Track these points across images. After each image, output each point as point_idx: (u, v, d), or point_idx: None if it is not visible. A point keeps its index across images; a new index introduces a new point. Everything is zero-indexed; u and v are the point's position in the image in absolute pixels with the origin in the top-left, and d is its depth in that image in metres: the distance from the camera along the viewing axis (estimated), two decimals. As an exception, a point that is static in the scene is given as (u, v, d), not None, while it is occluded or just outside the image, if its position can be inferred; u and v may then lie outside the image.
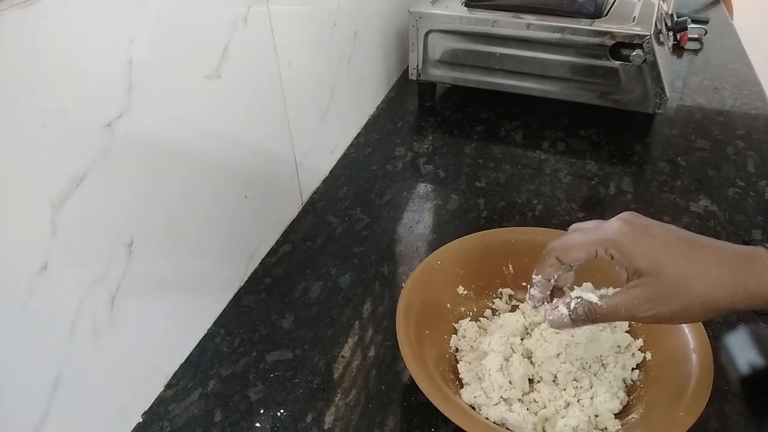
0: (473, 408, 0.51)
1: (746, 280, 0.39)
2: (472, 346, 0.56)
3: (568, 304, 0.46)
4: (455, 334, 0.58)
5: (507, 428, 0.49)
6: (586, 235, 0.45)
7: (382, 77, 1.05)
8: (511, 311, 0.61)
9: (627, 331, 0.56)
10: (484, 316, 0.60)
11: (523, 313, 0.59)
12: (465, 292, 0.61)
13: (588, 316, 0.44)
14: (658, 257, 0.41)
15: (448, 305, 0.60)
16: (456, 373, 0.55)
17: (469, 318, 0.59)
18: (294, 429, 0.52)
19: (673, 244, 0.41)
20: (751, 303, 0.39)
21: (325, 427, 0.52)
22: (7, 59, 0.36)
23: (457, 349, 0.57)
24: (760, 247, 0.40)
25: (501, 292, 0.62)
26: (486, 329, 0.59)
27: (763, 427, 0.49)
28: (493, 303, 0.62)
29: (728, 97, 1.02)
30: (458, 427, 0.44)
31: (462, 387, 0.53)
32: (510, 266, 0.62)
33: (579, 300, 0.45)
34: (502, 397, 0.51)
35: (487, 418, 0.49)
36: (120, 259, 0.48)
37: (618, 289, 0.44)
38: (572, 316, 0.45)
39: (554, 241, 0.46)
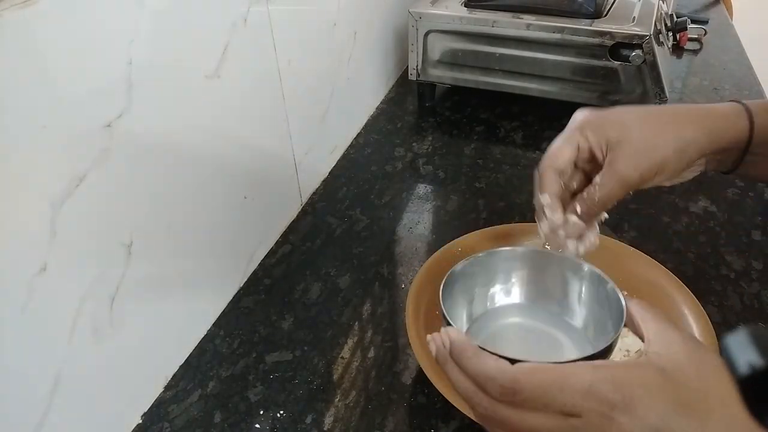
0: None
1: (710, 124, 0.43)
2: None
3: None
4: None
5: None
6: (561, 135, 0.46)
7: (382, 77, 1.05)
8: None
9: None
10: None
11: None
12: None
13: (590, 205, 0.44)
14: (625, 123, 0.44)
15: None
16: None
17: None
18: (294, 430, 0.52)
19: (636, 111, 0.45)
20: (719, 146, 0.43)
21: (325, 428, 0.52)
22: (7, 59, 0.36)
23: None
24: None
25: None
26: None
27: (764, 427, 0.49)
28: None
29: (728, 98, 1.02)
30: (458, 427, 0.44)
31: None
32: None
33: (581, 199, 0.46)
34: None
35: None
36: (119, 259, 0.48)
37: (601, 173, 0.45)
38: (583, 211, 0.45)
39: (541, 160, 0.46)
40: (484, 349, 0.34)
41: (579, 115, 0.46)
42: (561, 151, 0.45)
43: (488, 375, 0.32)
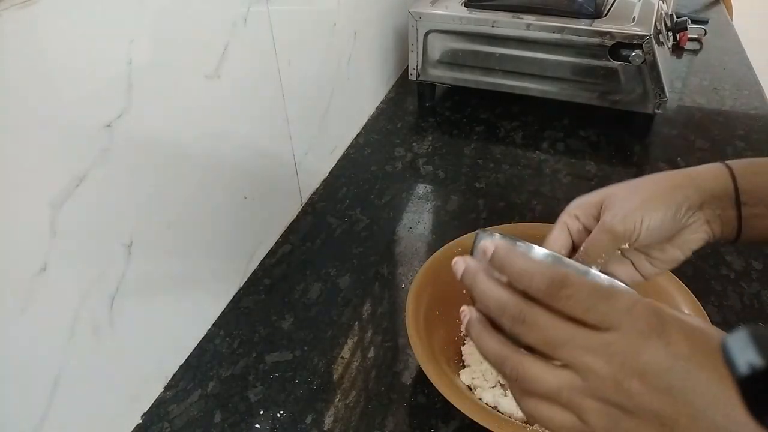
0: (469, 389, 0.52)
1: (690, 172, 0.45)
2: None
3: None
4: None
5: (498, 411, 0.50)
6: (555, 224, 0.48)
7: (382, 77, 1.05)
8: None
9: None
10: None
11: None
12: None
13: (582, 256, 0.46)
14: (609, 189, 0.46)
15: (464, 291, 0.60)
16: (461, 356, 0.56)
17: None
18: (294, 430, 0.52)
19: (618, 184, 0.47)
20: (705, 191, 0.44)
21: (325, 428, 0.52)
22: (7, 59, 0.36)
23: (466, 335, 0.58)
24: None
25: None
26: None
27: (764, 428, 0.49)
28: None
29: (727, 98, 1.02)
30: (458, 427, 0.44)
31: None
32: None
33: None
34: (499, 382, 0.52)
35: (480, 399, 0.50)
36: (119, 259, 0.48)
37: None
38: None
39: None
40: None
41: (570, 204, 0.49)
42: (553, 237, 0.48)
43: (539, 268, 0.32)
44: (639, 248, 0.46)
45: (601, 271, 0.42)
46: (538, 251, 0.39)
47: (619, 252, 0.46)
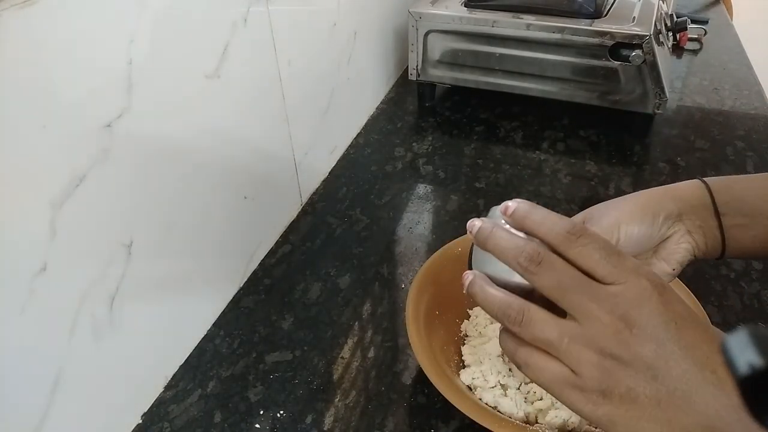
0: (469, 389, 0.52)
1: (666, 186, 0.46)
2: (480, 332, 0.57)
3: None
4: (467, 319, 0.59)
5: (498, 412, 0.50)
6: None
7: (382, 77, 1.05)
8: None
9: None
10: None
11: None
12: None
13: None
14: (589, 210, 0.47)
15: (464, 291, 0.60)
16: (461, 356, 0.56)
17: None
18: (294, 430, 0.52)
19: (599, 203, 0.48)
20: (681, 200, 0.44)
21: (325, 428, 0.52)
22: (7, 59, 0.36)
23: (466, 335, 0.58)
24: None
25: None
26: None
27: (764, 428, 0.49)
28: None
29: (728, 98, 1.02)
30: (458, 427, 0.44)
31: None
32: None
33: None
34: (499, 383, 0.52)
35: (480, 399, 0.50)
36: (119, 259, 0.48)
37: None
38: None
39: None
40: None
41: None
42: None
43: (560, 217, 0.35)
44: None
45: None
46: None
47: None
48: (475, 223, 0.38)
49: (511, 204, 0.37)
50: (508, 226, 0.37)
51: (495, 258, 0.37)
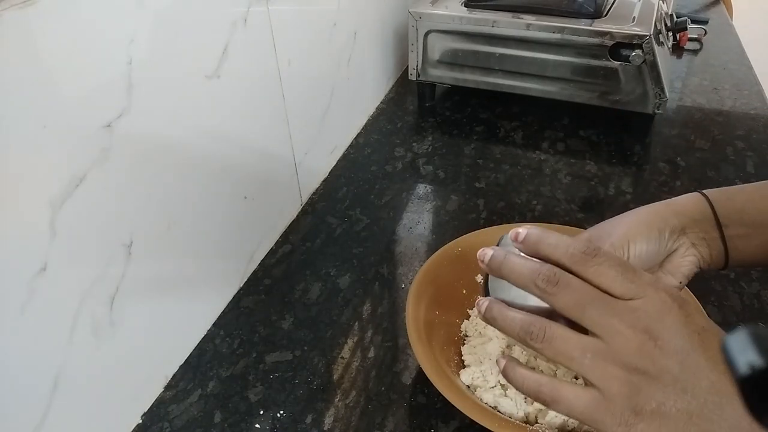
0: (469, 389, 0.52)
1: (667, 201, 0.46)
2: (480, 332, 0.57)
3: None
4: (467, 319, 0.59)
5: (498, 412, 0.50)
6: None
7: (382, 77, 1.05)
8: None
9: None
10: None
11: None
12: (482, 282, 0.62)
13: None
14: (593, 229, 0.47)
15: (464, 291, 0.61)
16: (461, 356, 0.56)
17: None
18: (294, 430, 0.52)
19: (602, 222, 0.48)
20: (683, 214, 0.45)
21: (325, 428, 0.52)
22: (7, 59, 0.36)
23: (466, 335, 0.58)
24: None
25: None
26: None
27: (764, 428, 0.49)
28: None
29: (728, 98, 1.02)
30: (458, 427, 0.44)
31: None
32: None
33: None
34: (499, 383, 0.52)
35: (480, 399, 0.50)
36: (119, 259, 0.48)
37: None
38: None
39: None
40: None
41: None
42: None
43: (574, 239, 0.35)
44: None
45: None
46: None
47: None
48: (486, 252, 0.38)
49: (522, 230, 0.37)
50: (520, 252, 0.37)
51: (509, 285, 0.37)
